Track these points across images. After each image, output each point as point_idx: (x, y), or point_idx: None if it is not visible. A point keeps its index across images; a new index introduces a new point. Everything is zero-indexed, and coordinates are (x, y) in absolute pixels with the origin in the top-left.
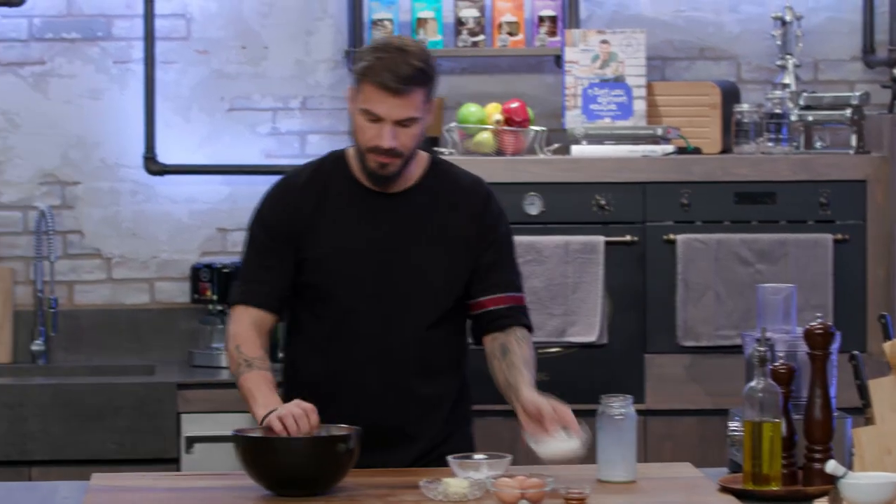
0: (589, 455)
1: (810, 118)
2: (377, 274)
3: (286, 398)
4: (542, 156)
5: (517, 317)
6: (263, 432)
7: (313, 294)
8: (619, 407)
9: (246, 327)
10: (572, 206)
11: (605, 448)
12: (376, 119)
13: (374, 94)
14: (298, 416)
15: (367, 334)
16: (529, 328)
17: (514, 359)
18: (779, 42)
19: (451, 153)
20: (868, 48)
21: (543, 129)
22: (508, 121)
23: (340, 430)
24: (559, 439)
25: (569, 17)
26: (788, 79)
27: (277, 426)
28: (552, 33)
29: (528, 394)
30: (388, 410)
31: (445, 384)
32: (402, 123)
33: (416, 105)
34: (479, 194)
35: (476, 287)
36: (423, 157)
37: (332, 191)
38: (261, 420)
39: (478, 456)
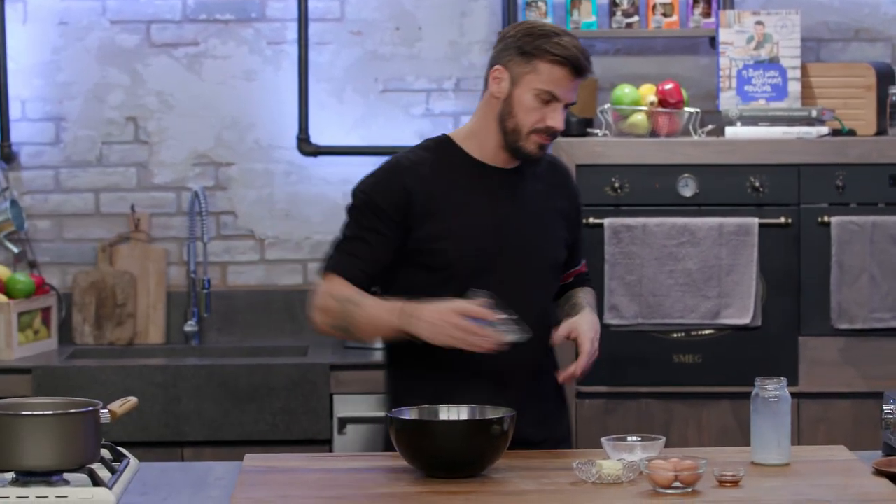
0: (743, 437)
1: None
2: (502, 248)
3: (394, 381)
4: (696, 137)
5: (586, 281)
6: (418, 415)
7: (433, 273)
8: (774, 389)
9: (335, 287)
10: (726, 187)
11: (760, 430)
12: (550, 100)
13: (559, 75)
14: (476, 332)
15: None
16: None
17: (576, 300)
18: None
19: (604, 134)
20: None
21: (697, 110)
22: (662, 102)
23: (495, 411)
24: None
25: None
26: None
27: (464, 340)
28: (707, 14)
29: (577, 317)
30: (508, 390)
31: (552, 359)
32: (566, 105)
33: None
34: (567, 171)
35: (574, 258)
36: None
37: (445, 169)
38: (399, 320)
39: (631, 438)
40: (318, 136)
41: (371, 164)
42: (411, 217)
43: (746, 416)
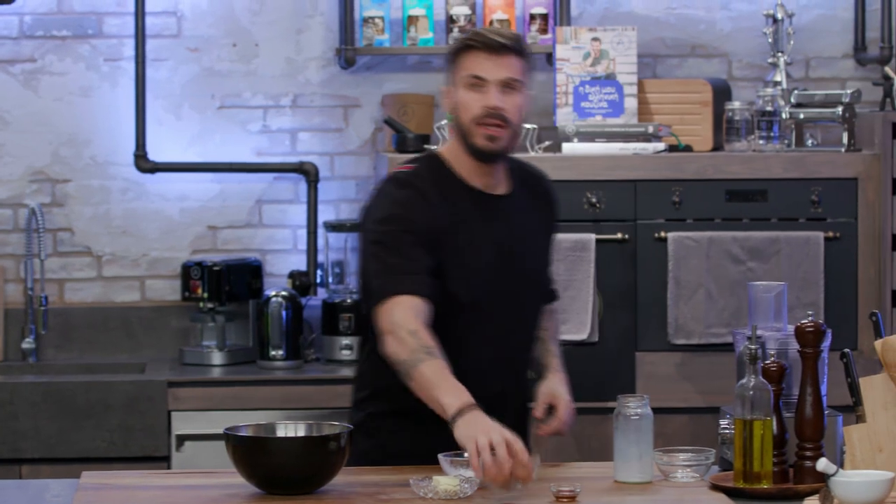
0: (579, 452)
1: (801, 116)
2: (500, 275)
3: (377, 402)
4: (532, 153)
5: (557, 292)
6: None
7: (443, 302)
8: (636, 407)
9: (412, 315)
10: (563, 203)
11: (622, 448)
12: (481, 83)
13: (477, 58)
14: (503, 462)
15: (491, 337)
16: (557, 297)
17: (542, 334)
18: (770, 39)
19: None
20: (859, 45)
21: (534, 126)
22: None
23: (332, 427)
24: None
25: (560, 14)
26: (780, 76)
27: (475, 463)
28: (543, 31)
29: (550, 381)
30: (506, 413)
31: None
32: (506, 86)
33: (518, 70)
34: (549, 183)
35: None
36: None
37: (446, 194)
38: (454, 412)
39: (468, 454)
40: (155, 153)
41: (208, 180)
42: (433, 240)
43: (581, 432)
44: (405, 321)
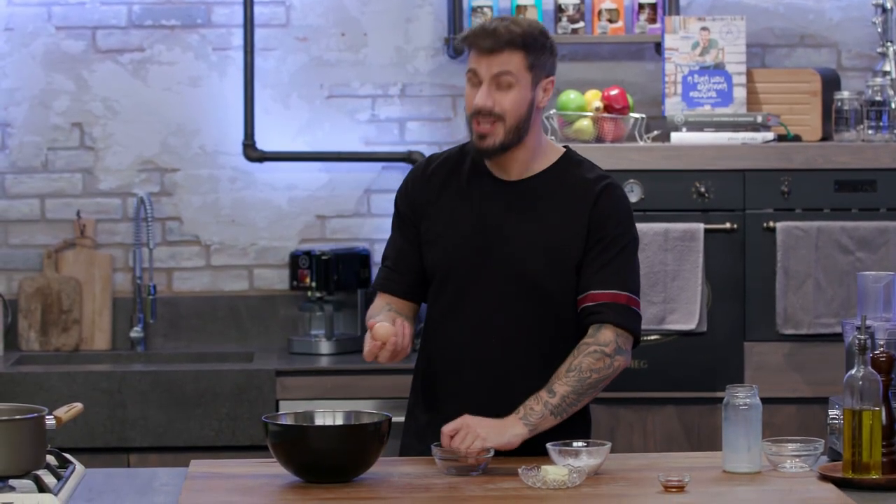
0: (689, 443)
1: None
2: (479, 257)
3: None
4: (641, 143)
5: (608, 314)
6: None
7: (430, 274)
8: (745, 397)
9: (378, 308)
10: (672, 193)
11: (731, 438)
12: (478, 82)
13: (473, 56)
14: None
15: (468, 319)
16: (625, 328)
17: (560, 366)
18: (879, 29)
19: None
20: None
21: (643, 116)
22: (608, 108)
23: (370, 416)
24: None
25: (669, 3)
26: (889, 66)
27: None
28: (652, 20)
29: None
30: (488, 397)
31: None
32: (498, 83)
33: (513, 64)
34: (593, 190)
35: (581, 283)
36: (554, 150)
37: (457, 174)
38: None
39: (577, 443)
40: (263, 142)
41: (317, 169)
42: (420, 220)
43: (692, 422)
44: (368, 315)
